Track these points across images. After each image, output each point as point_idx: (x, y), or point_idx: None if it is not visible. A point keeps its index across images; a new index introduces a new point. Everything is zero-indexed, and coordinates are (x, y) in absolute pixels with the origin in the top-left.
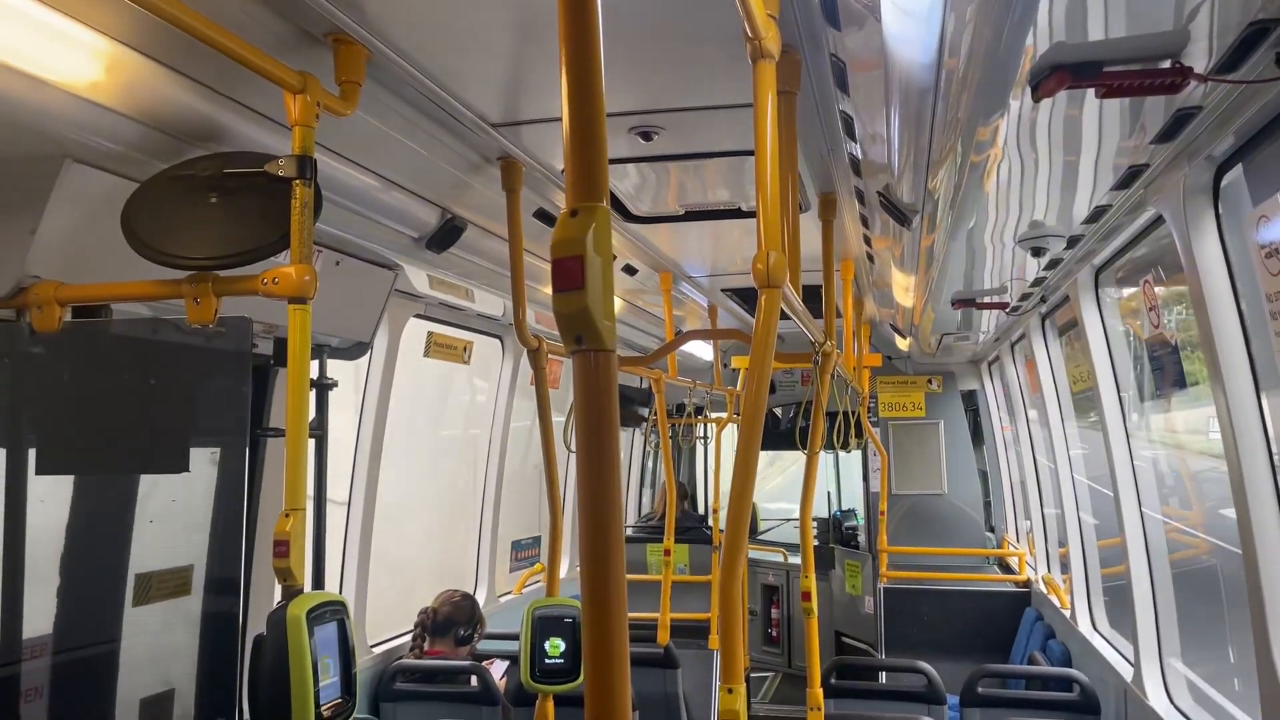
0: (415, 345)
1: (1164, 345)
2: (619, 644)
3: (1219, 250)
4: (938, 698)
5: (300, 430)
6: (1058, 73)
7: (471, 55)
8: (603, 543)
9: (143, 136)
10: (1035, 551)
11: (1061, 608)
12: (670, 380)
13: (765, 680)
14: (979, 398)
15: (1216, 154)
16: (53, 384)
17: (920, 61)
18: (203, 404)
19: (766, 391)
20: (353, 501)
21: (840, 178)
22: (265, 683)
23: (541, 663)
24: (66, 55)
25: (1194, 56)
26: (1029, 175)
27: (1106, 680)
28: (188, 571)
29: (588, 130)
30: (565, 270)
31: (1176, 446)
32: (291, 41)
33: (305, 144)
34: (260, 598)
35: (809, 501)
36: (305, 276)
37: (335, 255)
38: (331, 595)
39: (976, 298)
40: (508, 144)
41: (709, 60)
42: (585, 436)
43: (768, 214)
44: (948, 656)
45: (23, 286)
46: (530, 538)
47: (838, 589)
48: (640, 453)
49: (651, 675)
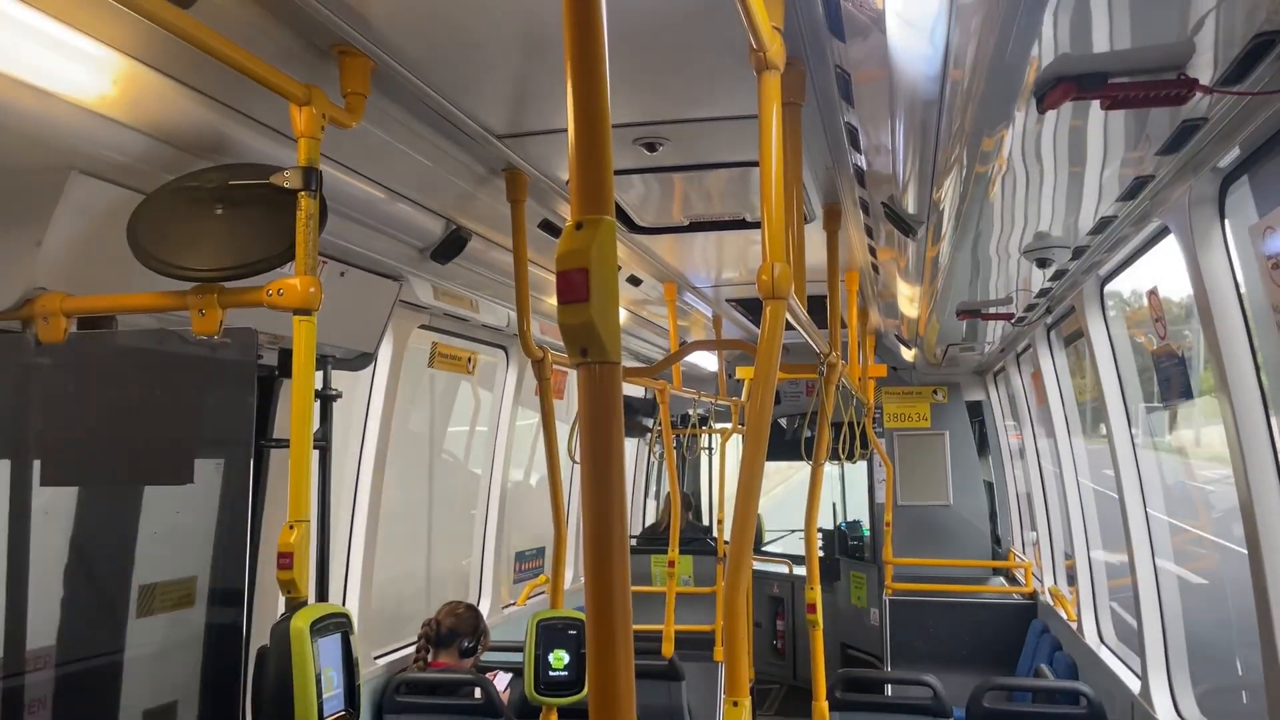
0: (420, 356)
1: (1171, 357)
2: (623, 656)
3: (1225, 261)
4: (943, 711)
5: (305, 441)
6: (1063, 84)
7: (476, 67)
8: (607, 553)
9: (148, 148)
10: (1041, 563)
11: (1068, 620)
12: (675, 391)
13: (770, 693)
14: (984, 408)
15: (1222, 165)
16: (58, 395)
17: (925, 73)
18: (207, 415)
19: (771, 402)
20: (356, 513)
21: (845, 189)
22: (269, 695)
23: (545, 675)
24: (73, 68)
25: (1199, 68)
26: (1034, 186)
27: (1113, 693)
28: (191, 583)
29: (593, 142)
30: (570, 283)
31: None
32: (297, 54)
33: (310, 156)
34: (264, 609)
35: (814, 513)
36: (310, 288)
37: (340, 266)
38: (335, 607)
39: (982, 309)
40: (512, 155)
41: (713, 72)
42: (590, 447)
43: (772, 225)
44: (953, 669)
45: (29, 298)
46: (534, 549)
47: (843, 601)
48: (645, 463)
49: (656, 688)
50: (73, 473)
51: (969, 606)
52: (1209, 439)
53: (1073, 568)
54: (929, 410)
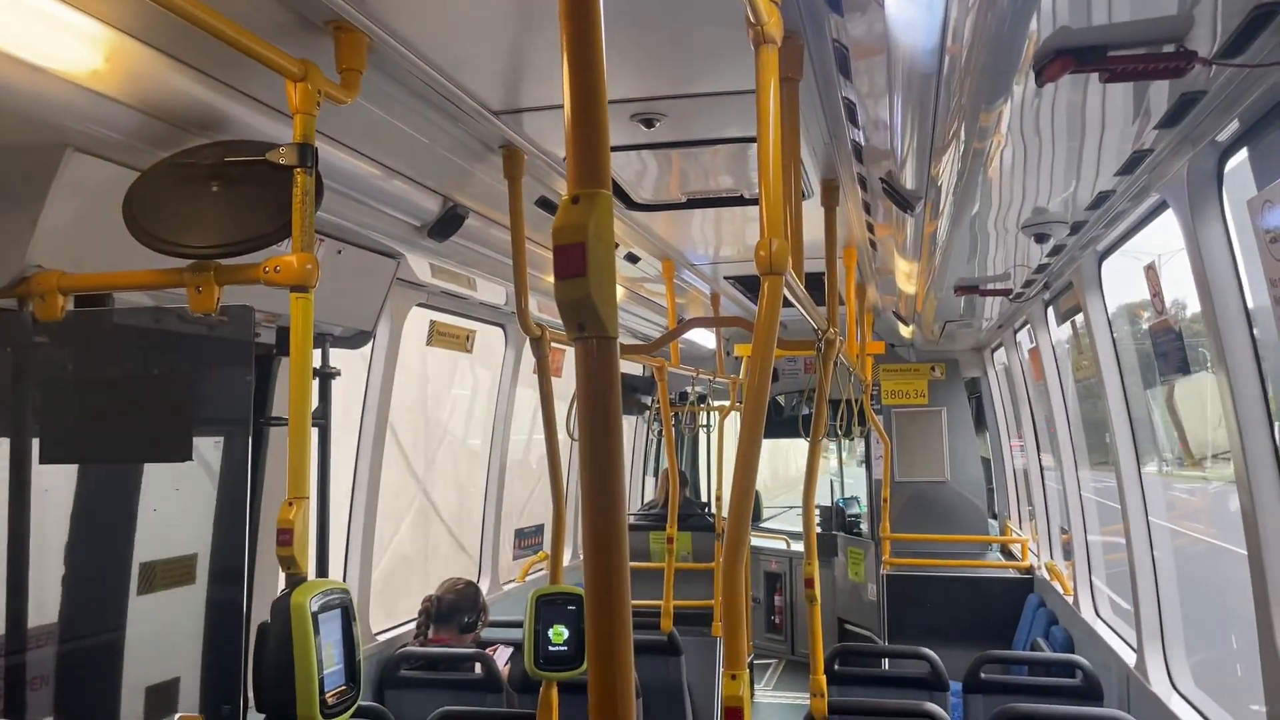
0: (419, 333)
1: (1168, 332)
2: (622, 631)
3: (1223, 235)
4: (941, 684)
5: (303, 419)
6: (1062, 57)
7: (472, 42)
8: (606, 530)
9: (143, 125)
10: (1038, 538)
11: (1064, 594)
12: (673, 368)
13: (768, 667)
14: (982, 384)
15: (1221, 139)
16: (56, 373)
17: (923, 47)
18: (206, 393)
19: (769, 379)
20: (356, 489)
21: (843, 164)
22: (270, 670)
23: (545, 650)
24: (67, 43)
25: (1199, 40)
26: (1032, 161)
27: (1109, 665)
28: (192, 560)
29: (589, 116)
30: (567, 257)
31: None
32: (292, 29)
33: (306, 132)
34: (264, 586)
35: (812, 488)
36: (307, 265)
37: (337, 244)
38: (335, 583)
39: (980, 284)
40: (509, 131)
41: (711, 46)
42: (588, 424)
43: (770, 201)
44: (951, 643)
45: (25, 276)
46: (534, 525)
47: (840, 576)
48: (644, 441)
49: (655, 662)
50: (72, 451)
51: (966, 581)
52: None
53: (1069, 543)
54: (926, 387)
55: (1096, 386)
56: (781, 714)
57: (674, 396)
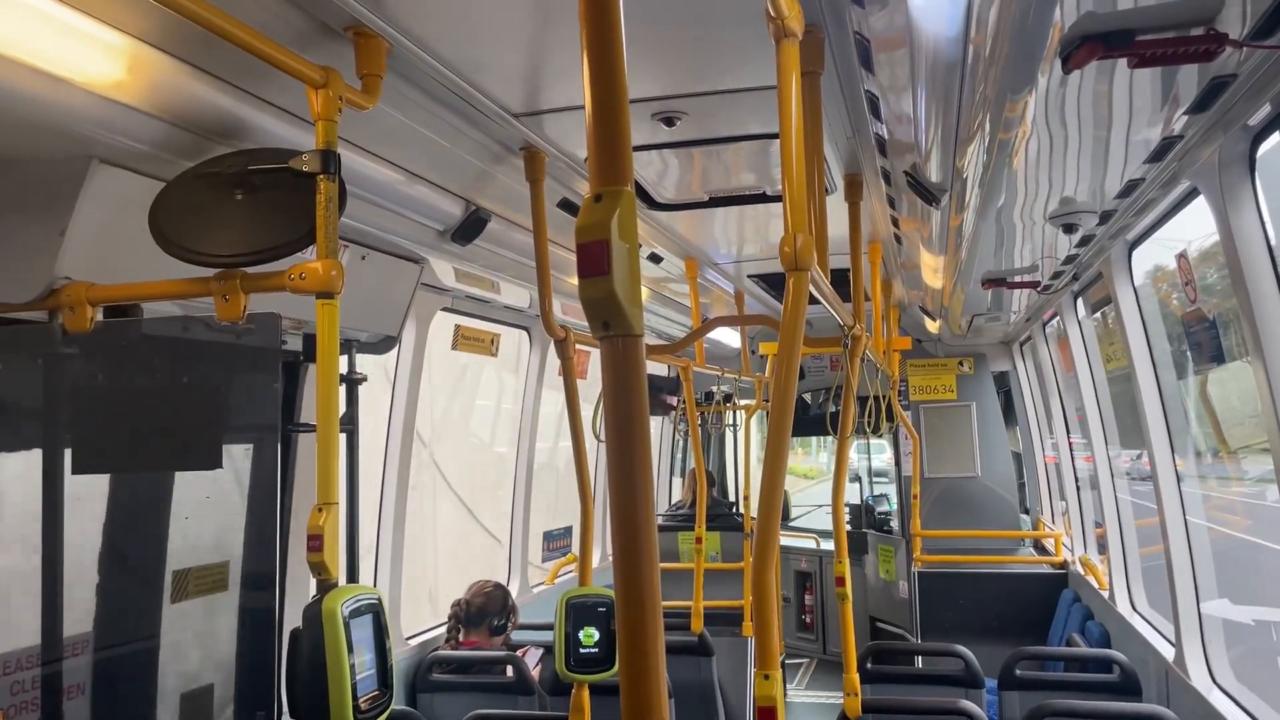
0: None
1: (1201, 320)
2: (653, 632)
3: (1257, 221)
4: (975, 681)
5: (331, 425)
6: (1088, 43)
7: (492, 45)
8: (635, 531)
9: (167, 135)
10: (1071, 532)
11: (1100, 588)
12: (698, 368)
13: (800, 667)
14: (1011, 378)
15: (1253, 123)
16: (86, 384)
17: (946, 36)
18: (234, 400)
19: (796, 377)
20: (384, 494)
21: (866, 159)
22: (303, 676)
23: (576, 652)
24: (90, 55)
25: (1229, 22)
26: (1059, 150)
27: (1147, 661)
28: (224, 567)
29: (611, 115)
30: (590, 255)
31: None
32: (312, 36)
33: (328, 138)
34: (295, 592)
35: (841, 487)
36: (332, 271)
37: (361, 249)
38: (366, 588)
39: (1007, 277)
40: (530, 134)
41: (731, 42)
42: (615, 423)
43: (794, 197)
44: (984, 640)
45: (54, 288)
46: (562, 528)
47: (871, 574)
48: (670, 442)
49: (686, 663)
50: (103, 461)
51: (999, 577)
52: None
53: (1103, 536)
54: (955, 382)
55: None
56: (815, 713)
57: (699, 396)
